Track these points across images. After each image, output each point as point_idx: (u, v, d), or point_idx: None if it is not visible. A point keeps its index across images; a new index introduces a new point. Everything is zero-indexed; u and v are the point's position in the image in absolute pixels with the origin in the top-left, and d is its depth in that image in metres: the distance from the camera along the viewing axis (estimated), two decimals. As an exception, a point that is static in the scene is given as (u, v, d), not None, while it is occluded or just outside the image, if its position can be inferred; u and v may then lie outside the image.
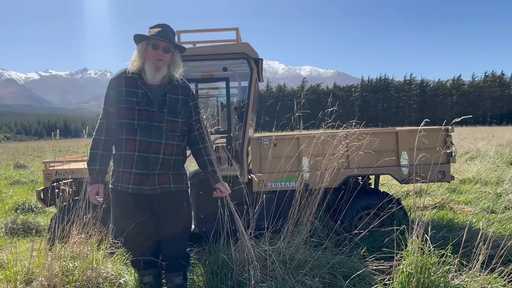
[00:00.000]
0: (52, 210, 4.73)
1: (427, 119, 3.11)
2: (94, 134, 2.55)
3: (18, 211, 6.04)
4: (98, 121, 2.55)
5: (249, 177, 3.75)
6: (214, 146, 4.14)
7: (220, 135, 4.69)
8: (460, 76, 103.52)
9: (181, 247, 2.70)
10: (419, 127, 3.21)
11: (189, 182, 2.81)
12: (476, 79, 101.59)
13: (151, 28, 2.55)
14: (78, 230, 3.17)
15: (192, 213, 3.41)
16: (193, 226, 3.86)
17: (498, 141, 15.24)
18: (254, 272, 2.75)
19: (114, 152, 2.56)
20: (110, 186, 2.58)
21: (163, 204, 2.56)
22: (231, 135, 4.32)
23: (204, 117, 3.46)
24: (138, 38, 2.52)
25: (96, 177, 2.51)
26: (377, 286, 2.75)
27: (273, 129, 4.13)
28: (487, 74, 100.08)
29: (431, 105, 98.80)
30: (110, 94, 2.53)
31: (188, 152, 2.76)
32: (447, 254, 2.63)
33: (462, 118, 2.85)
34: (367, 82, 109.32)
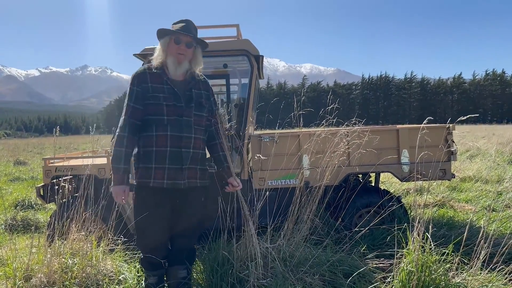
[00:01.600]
0: (52, 206, 4.73)
1: (430, 117, 3.10)
2: (117, 130, 2.48)
3: (17, 207, 6.05)
4: (122, 118, 2.49)
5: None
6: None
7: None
8: (461, 74, 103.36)
9: (190, 240, 2.71)
10: (421, 125, 3.20)
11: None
12: (477, 77, 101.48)
13: (174, 24, 2.56)
14: (78, 227, 3.16)
15: None
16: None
17: (499, 139, 15.23)
18: (256, 269, 2.75)
19: (142, 148, 2.51)
20: (135, 183, 2.54)
21: (185, 199, 2.56)
22: (231, 132, 4.31)
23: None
24: (161, 33, 2.54)
25: (122, 177, 2.44)
26: (378, 284, 2.74)
27: (276, 127, 4.12)
28: (488, 72, 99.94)
29: (431, 103, 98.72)
30: (134, 90, 2.48)
31: None
32: (448, 252, 2.62)
33: (468, 116, 2.82)
34: (367, 80, 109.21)
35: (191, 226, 2.63)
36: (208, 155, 2.76)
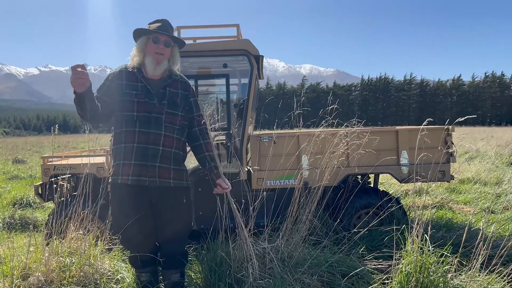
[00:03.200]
0: (50, 205, 4.72)
1: (430, 119, 3.09)
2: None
3: (16, 206, 6.04)
4: None
5: (247, 168, 3.73)
6: (214, 142, 4.12)
7: (219, 132, 4.67)
8: (460, 76, 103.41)
9: (180, 244, 2.68)
10: (421, 126, 3.20)
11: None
12: (476, 79, 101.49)
13: (150, 23, 2.55)
14: (76, 225, 3.16)
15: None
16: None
17: (498, 141, 15.25)
18: (253, 269, 2.74)
19: (113, 146, 2.55)
20: (109, 180, 2.57)
21: (161, 200, 2.55)
22: (231, 132, 4.30)
23: (208, 113, 3.44)
24: (138, 33, 2.53)
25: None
26: (376, 285, 2.74)
27: (274, 127, 4.11)
28: (487, 74, 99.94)
29: (430, 105, 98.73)
30: (105, 84, 2.52)
31: (188, 148, 2.75)
32: (446, 254, 2.62)
33: (466, 117, 2.82)
34: (367, 81, 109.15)
35: (176, 229, 2.60)
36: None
